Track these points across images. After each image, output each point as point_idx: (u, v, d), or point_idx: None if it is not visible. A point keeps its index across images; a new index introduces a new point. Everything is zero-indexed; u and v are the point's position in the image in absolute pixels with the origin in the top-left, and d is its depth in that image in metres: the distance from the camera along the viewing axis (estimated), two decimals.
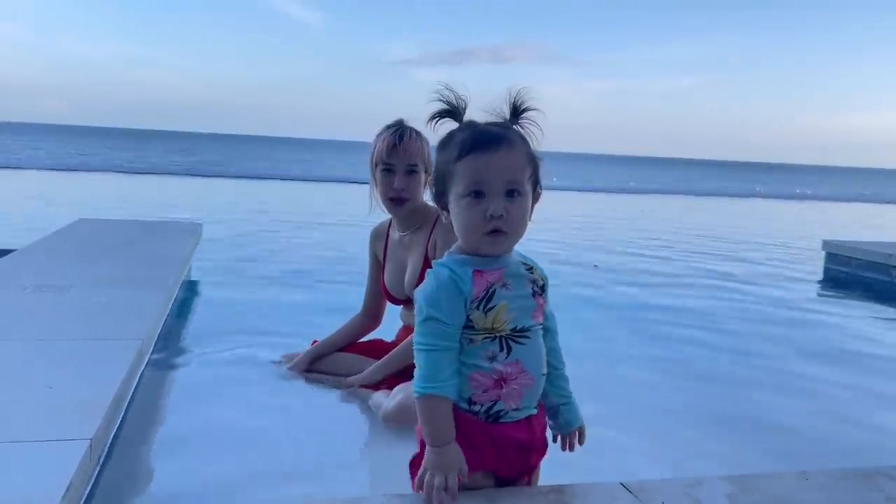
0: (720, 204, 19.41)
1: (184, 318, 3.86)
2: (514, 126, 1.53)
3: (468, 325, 1.48)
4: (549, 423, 1.63)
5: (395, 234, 2.96)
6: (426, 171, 2.81)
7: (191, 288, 4.52)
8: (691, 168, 69.01)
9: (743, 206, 19.33)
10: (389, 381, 2.76)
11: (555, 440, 1.64)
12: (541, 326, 1.55)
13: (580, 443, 1.66)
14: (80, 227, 5.41)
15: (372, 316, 3.11)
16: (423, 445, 1.49)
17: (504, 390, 1.48)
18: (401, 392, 2.54)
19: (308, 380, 2.92)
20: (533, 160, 1.50)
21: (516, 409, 1.51)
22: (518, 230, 1.48)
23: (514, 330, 1.49)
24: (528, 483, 1.60)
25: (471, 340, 1.48)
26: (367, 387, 2.78)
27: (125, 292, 3.31)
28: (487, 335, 1.47)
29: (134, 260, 4.13)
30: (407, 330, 2.92)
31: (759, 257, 8.01)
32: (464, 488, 1.51)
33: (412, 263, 2.84)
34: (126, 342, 2.52)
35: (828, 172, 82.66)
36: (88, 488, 1.81)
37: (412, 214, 2.85)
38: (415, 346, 1.48)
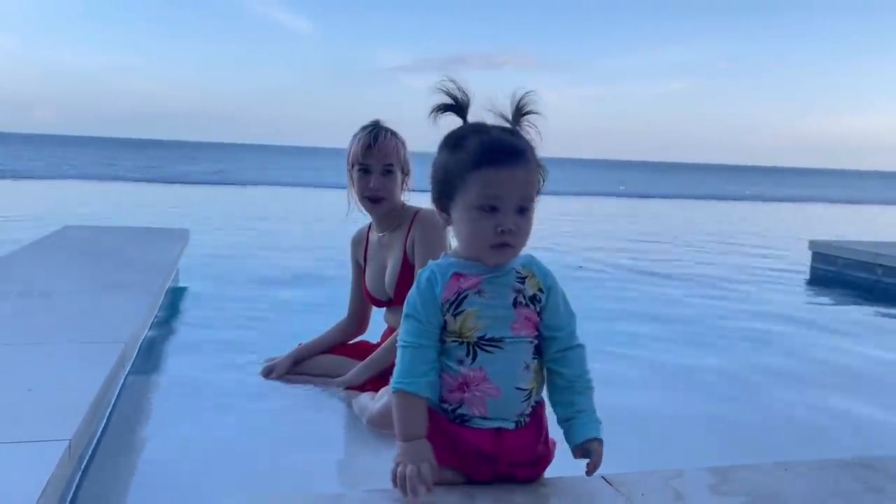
0: (710, 207, 19.50)
1: (170, 323, 3.85)
2: (517, 129, 1.52)
3: (444, 327, 1.51)
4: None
5: (374, 237, 2.96)
6: (402, 172, 2.83)
7: (177, 293, 4.51)
8: (682, 172, 69.27)
9: (733, 208, 19.41)
10: (373, 383, 2.75)
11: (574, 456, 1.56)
12: (527, 340, 1.50)
13: (589, 468, 1.51)
14: (65, 234, 5.38)
15: (357, 322, 3.11)
16: None
17: (466, 394, 1.49)
18: (385, 395, 2.52)
19: (291, 382, 2.91)
20: (542, 171, 1.50)
21: (483, 418, 1.49)
22: (524, 243, 1.50)
23: (482, 338, 1.48)
24: None
25: (444, 342, 1.51)
26: (351, 388, 2.77)
27: (110, 297, 3.29)
28: (456, 339, 1.49)
29: (120, 266, 4.11)
30: (392, 331, 2.91)
31: (746, 257, 8.06)
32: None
33: (392, 263, 2.84)
34: (109, 345, 2.51)
35: (818, 175, 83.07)
36: (72, 491, 1.81)
37: (390, 214, 2.86)
38: (397, 343, 1.52)
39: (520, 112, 1.52)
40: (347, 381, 2.79)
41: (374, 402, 2.56)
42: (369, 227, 3.03)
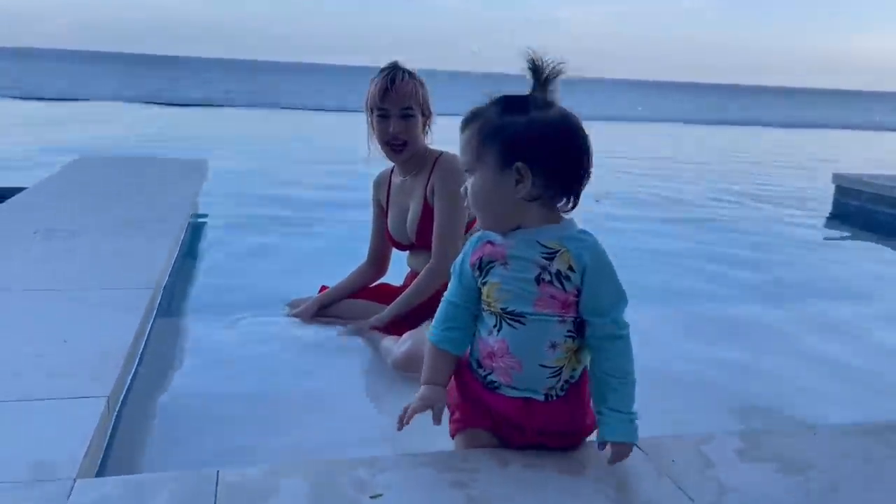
0: (728, 133, 19.10)
1: (191, 262, 3.87)
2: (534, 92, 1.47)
3: (481, 294, 1.53)
4: None
5: (396, 180, 2.94)
6: (423, 114, 2.77)
7: (197, 229, 4.50)
8: (701, 92, 67.76)
9: (752, 134, 19.01)
10: (398, 327, 2.78)
11: None
12: (554, 318, 1.45)
13: (609, 460, 1.50)
14: (81, 166, 5.38)
15: (378, 264, 3.12)
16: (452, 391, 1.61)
17: (494, 363, 1.51)
18: (409, 339, 2.57)
19: (317, 324, 2.94)
20: (491, 139, 1.43)
21: (510, 387, 1.51)
22: (475, 205, 1.50)
23: (504, 310, 1.47)
24: None
25: (482, 310, 1.54)
26: (375, 329, 2.80)
27: (132, 238, 3.31)
28: (487, 308, 1.51)
29: (140, 202, 4.11)
30: (415, 275, 2.92)
31: (767, 189, 7.94)
32: (466, 443, 1.60)
33: (413, 208, 2.83)
34: (137, 291, 2.53)
35: (846, 97, 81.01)
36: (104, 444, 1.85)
37: (412, 159, 2.82)
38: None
39: (543, 76, 1.47)
40: (371, 323, 2.83)
41: (398, 346, 2.60)
42: (392, 169, 3.00)
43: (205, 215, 4.95)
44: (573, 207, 1.48)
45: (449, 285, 1.59)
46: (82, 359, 1.96)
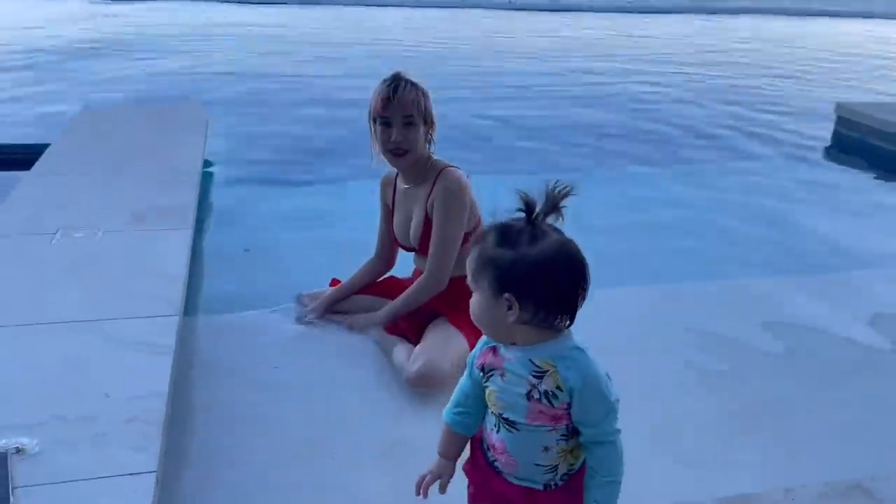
0: (723, 24, 17.86)
1: (200, 244, 3.91)
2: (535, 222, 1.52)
3: None
4: None
5: (401, 185, 3.06)
6: (425, 123, 2.86)
7: (205, 182, 4.53)
8: None
9: (755, 27, 17.79)
10: (409, 326, 2.96)
11: None
12: (545, 429, 1.57)
13: None
14: (86, 124, 5.39)
15: (385, 260, 3.28)
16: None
17: (496, 455, 1.67)
18: (421, 357, 2.76)
19: (328, 321, 3.15)
20: (484, 269, 1.51)
21: (512, 476, 1.66)
22: (474, 318, 1.58)
23: (501, 415, 1.61)
24: None
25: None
26: (387, 329, 3.01)
27: (149, 232, 3.40)
28: (489, 408, 1.65)
29: (149, 179, 4.14)
30: (419, 273, 3.08)
31: (762, 106, 7.71)
32: None
33: (416, 217, 2.98)
34: (165, 320, 2.63)
35: None
36: None
37: (415, 167, 2.94)
38: None
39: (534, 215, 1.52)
40: (370, 322, 3.04)
41: (410, 363, 2.78)
42: (398, 173, 3.08)
43: (211, 171, 4.94)
44: (570, 324, 1.57)
45: (464, 374, 1.72)
46: (124, 418, 2.09)
